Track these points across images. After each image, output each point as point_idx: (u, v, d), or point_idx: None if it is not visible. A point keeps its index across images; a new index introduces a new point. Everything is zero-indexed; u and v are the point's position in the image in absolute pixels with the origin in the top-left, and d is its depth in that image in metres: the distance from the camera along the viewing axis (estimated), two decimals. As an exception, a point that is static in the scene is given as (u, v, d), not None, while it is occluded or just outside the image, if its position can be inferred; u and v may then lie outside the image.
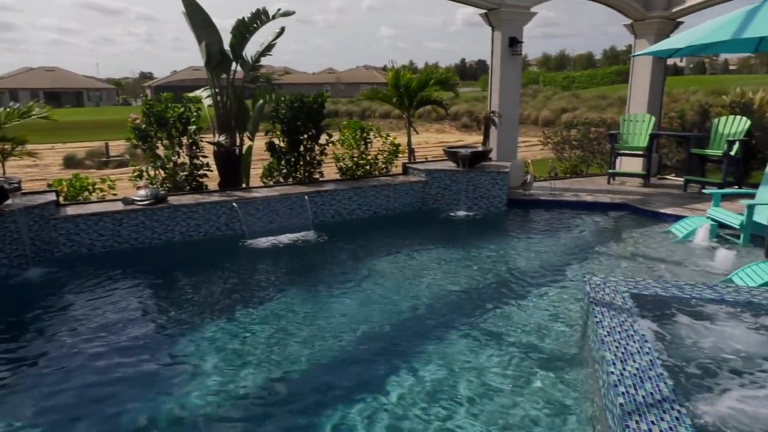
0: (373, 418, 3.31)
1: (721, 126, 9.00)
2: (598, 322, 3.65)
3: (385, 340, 4.39)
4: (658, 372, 3.00)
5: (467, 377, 3.73)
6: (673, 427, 2.50)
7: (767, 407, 2.89)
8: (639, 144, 9.56)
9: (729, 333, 3.66)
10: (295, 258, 6.59)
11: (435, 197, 8.59)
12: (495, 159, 9.30)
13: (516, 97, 9.44)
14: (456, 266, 6.10)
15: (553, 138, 13.05)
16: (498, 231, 7.64)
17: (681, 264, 5.82)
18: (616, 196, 8.61)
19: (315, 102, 8.27)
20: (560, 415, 3.29)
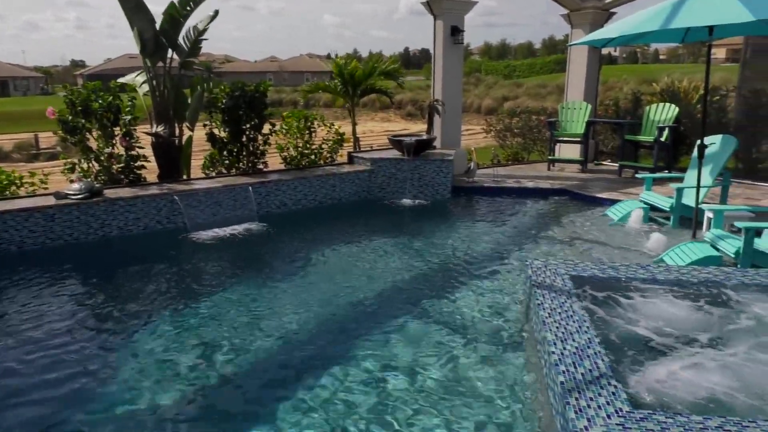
0: (323, 406, 3.30)
1: (652, 113, 9.41)
2: (540, 304, 3.77)
3: (335, 329, 4.38)
4: (596, 350, 3.12)
5: (415, 363, 3.78)
6: (610, 402, 2.61)
7: (696, 378, 3.06)
8: (576, 131, 9.87)
9: (660, 310, 3.85)
10: (240, 250, 6.48)
11: (381, 186, 8.61)
12: (439, 147, 9.40)
13: (459, 86, 9.55)
14: (403, 254, 6.14)
15: (495, 126, 13.30)
16: (443, 218, 7.75)
17: (616, 246, 6.08)
18: (555, 182, 8.88)
19: (257, 91, 8.11)
20: (506, 396, 3.38)
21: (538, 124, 12.34)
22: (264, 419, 3.23)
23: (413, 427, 3.10)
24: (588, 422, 2.45)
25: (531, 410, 3.22)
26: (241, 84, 8.08)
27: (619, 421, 2.45)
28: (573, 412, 2.52)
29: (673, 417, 2.49)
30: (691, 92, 10.65)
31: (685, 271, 4.41)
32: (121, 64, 55.29)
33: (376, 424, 3.14)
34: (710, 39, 5.87)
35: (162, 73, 7.99)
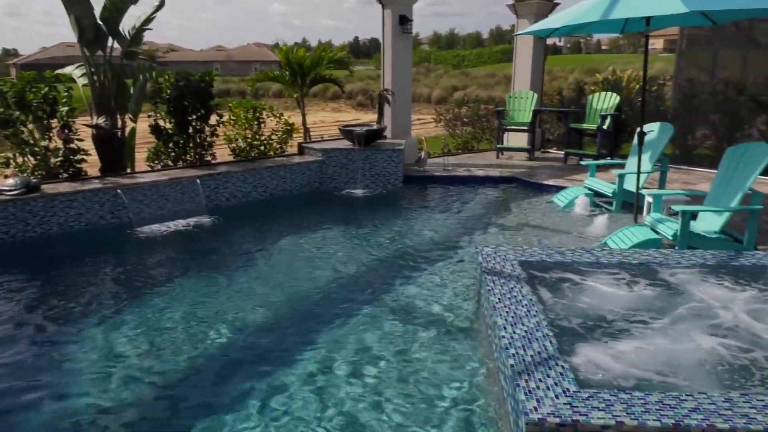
0: (278, 399, 3.28)
1: (595, 102, 9.70)
2: (490, 289, 3.85)
3: (289, 321, 4.36)
4: (544, 333, 3.22)
5: (370, 351, 3.80)
6: (558, 382, 2.70)
7: (638, 355, 3.20)
8: (524, 120, 10.08)
9: (604, 292, 4.00)
10: (189, 244, 6.34)
11: (332, 176, 8.57)
12: (390, 137, 9.42)
13: (408, 75, 9.59)
14: (355, 244, 6.15)
15: (445, 115, 13.42)
16: (395, 207, 7.78)
17: (563, 231, 6.26)
18: (504, 170, 9.05)
19: (203, 80, 7.90)
20: (459, 380, 3.44)
21: (486, 113, 12.53)
22: (217, 415, 3.18)
23: (369, 416, 3.12)
24: (537, 403, 2.52)
25: (484, 394, 3.29)
26: (186, 73, 7.86)
27: (567, 400, 2.54)
28: (523, 394, 2.59)
29: (617, 394, 2.59)
30: (632, 81, 11.03)
31: (627, 254, 4.59)
32: (57, 53, 52.63)
33: (332, 414, 3.15)
34: (648, 30, 6.08)
35: (102, 62, 7.67)
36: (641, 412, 2.44)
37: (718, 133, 9.32)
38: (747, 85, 9.11)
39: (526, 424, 2.41)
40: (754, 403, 2.51)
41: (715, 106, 9.32)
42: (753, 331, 3.45)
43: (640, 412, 2.44)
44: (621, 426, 2.38)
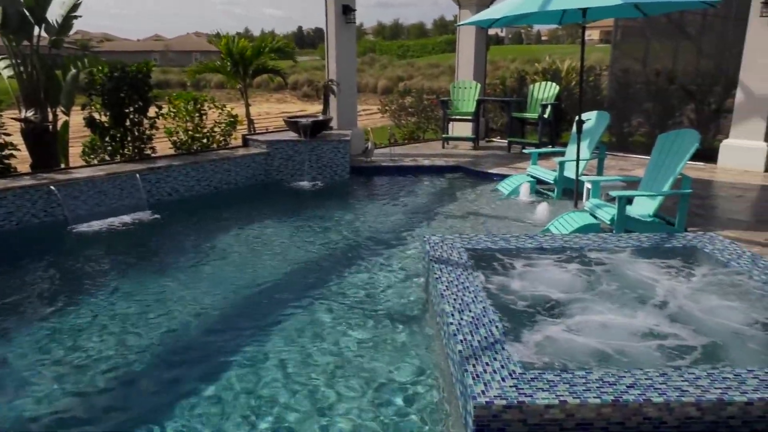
0: (228, 397, 3.23)
1: (535, 91, 9.94)
2: (438, 278, 3.90)
3: (237, 317, 4.28)
4: (490, 318, 3.29)
5: (321, 343, 3.79)
6: (504, 365, 2.77)
7: (579, 336, 3.31)
8: (468, 109, 10.22)
9: (547, 276, 4.12)
10: (129, 241, 6.12)
11: (278, 168, 8.46)
12: (336, 128, 9.37)
13: (353, 66, 9.54)
14: (304, 236, 6.10)
15: (390, 106, 13.46)
16: (343, 199, 7.76)
17: (507, 218, 6.40)
18: (450, 159, 9.17)
19: (139, 71, 7.63)
20: (409, 368, 3.48)
21: (430, 103, 12.64)
22: (163, 417, 3.10)
23: (321, 407, 3.11)
24: (485, 386, 2.58)
25: (433, 380, 3.34)
26: (122, 64, 7.56)
27: (513, 383, 2.61)
28: (471, 378, 2.64)
29: (560, 374, 2.68)
30: (570, 71, 11.36)
31: (568, 238, 4.74)
32: (-21, 43, 49.68)
33: (282, 410, 3.12)
34: (584, 21, 6.26)
35: (29, 52, 7.28)
36: (583, 391, 2.53)
37: (651, 120, 9.74)
38: (677, 75, 9.54)
39: (474, 408, 2.46)
40: (686, 376, 2.65)
41: (648, 95, 9.73)
42: (685, 308, 3.63)
43: (581, 391, 2.53)
44: (564, 405, 2.46)
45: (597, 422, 2.48)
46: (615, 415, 2.48)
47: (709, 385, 2.57)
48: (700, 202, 6.33)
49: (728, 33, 8.83)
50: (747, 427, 2.50)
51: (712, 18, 9.33)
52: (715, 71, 9.08)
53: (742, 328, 3.38)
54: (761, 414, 2.49)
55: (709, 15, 9.26)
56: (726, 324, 3.42)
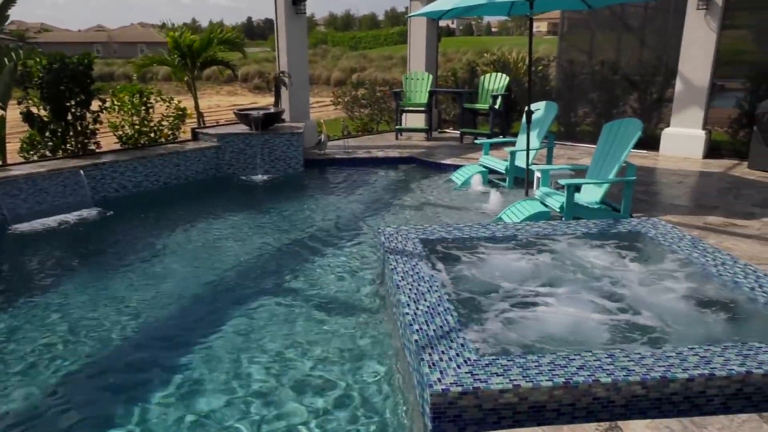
0: (185, 397, 3.16)
1: (486, 82, 10.07)
2: (393, 268, 3.92)
3: (191, 314, 4.19)
4: (445, 307, 3.33)
5: (278, 338, 3.75)
6: (459, 353, 2.82)
7: (532, 321, 3.39)
8: (420, 101, 10.27)
9: (500, 263, 4.20)
10: (73, 240, 5.90)
11: (230, 162, 8.30)
12: (288, 120, 9.25)
13: (304, 57, 9.43)
14: (258, 230, 6.01)
15: (343, 98, 13.39)
16: (297, 192, 7.69)
17: (461, 208, 6.48)
18: (404, 151, 9.20)
19: (80, 63, 7.32)
20: (367, 359, 3.49)
21: (383, 95, 12.64)
22: (119, 421, 3.01)
23: (276, 403, 3.09)
24: (441, 374, 2.61)
25: (390, 370, 3.36)
26: (61, 55, 7.23)
27: (468, 369, 2.65)
28: (427, 367, 2.68)
29: (513, 359, 2.74)
30: (519, 62, 11.55)
31: (519, 227, 4.84)
32: None
33: (240, 407, 3.08)
34: (532, 13, 6.38)
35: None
36: (535, 374, 2.60)
37: (597, 110, 10.01)
38: (621, 66, 9.83)
39: (430, 396, 2.49)
40: (632, 356, 2.76)
41: (594, 86, 10.00)
42: (631, 291, 3.77)
43: (534, 374, 2.60)
44: (518, 389, 2.52)
45: (549, 404, 2.56)
46: (566, 396, 2.55)
47: (653, 363, 2.68)
48: (643, 189, 6.57)
49: (668, 25, 9.15)
50: (689, 402, 2.62)
51: (653, 11, 9.66)
52: (656, 62, 9.41)
53: (683, 308, 3.53)
54: (702, 389, 2.61)
55: (650, 8, 9.58)
56: (669, 305, 3.57)
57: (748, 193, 6.42)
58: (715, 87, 8.52)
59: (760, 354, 2.75)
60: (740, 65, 8.92)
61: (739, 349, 2.81)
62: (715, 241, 4.74)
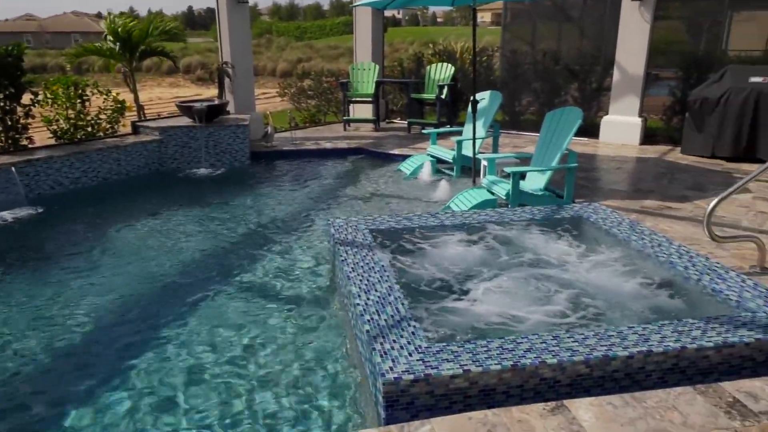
0: (132, 399, 3.07)
1: (432, 72, 10.15)
2: (343, 260, 3.91)
3: (137, 314, 4.06)
4: (396, 296, 3.36)
5: (229, 334, 3.69)
6: (411, 341, 2.85)
7: (482, 307, 3.47)
8: (367, 91, 10.26)
9: (449, 252, 4.26)
10: (5, 240, 5.61)
11: (173, 156, 8.07)
12: (234, 112, 9.07)
13: (248, 47, 9.24)
14: (204, 226, 5.88)
15: (289, 89, 13.21)
16: (244, 185, 7.56)
17: (410, 198, 6.53)
18: (352, 142, 9.18)
19: (9, 54, 6.94)
20: (319, 351, 3.48)
21: (330, 85, 12.55)
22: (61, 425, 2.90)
23: (230, 395, 3.05)
24: (392, 363, 2.64)
25: (343, 361, 3.37)
26: (-14, 46, 6.84)
27: (419, 357, 2.69)
28: (379, 356, 2.69)
29: (463, 345, 2.79)
30: (464, 53, 11.68)
31: (467, 215, 4.92)
32: None
33: (191, 408, 3.02)
34: (475, 3, 6.46)
35: None
36: (485, 359, 2.65)
37: (540, 99, 10.25)
38: (562, 56, 10.09)
39: (383, 385, 2.51)
40: (576, 337, 2.86)
41: (536, 75, 10.23)
42: (575, 273, 3.90)
43: (483, 359, 2.65)
44: (468, 373, 2.57)
45: (499, 387, 2.62)
46: (515, 378, 2.62)
47: (596, 343, 2.79)
48: (585, 175, 6.79)
49: (606, 16, 9.45)
50: (629, 378, 2.74)
51: (592, 2, 9.95)
52: (595, 52, 9.70)
53: (623, 289, 3.68)
54: (641, 366, 2.73)
55: (589, -1, 9.88)
56: (610, 286, 3.72)
57: (682, 177, 6.74)
58: (650, 76, 8.87)
59: (693, 330, 2.91)
60: (673, 55, 9.32)
61: (674, 326, 2.96)
62: (652, 223, 4.96)
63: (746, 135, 7.32)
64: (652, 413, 2.41)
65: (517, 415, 2.41)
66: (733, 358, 2.82)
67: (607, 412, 2.42)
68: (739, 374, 2.82)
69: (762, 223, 4.99)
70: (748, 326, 2.94)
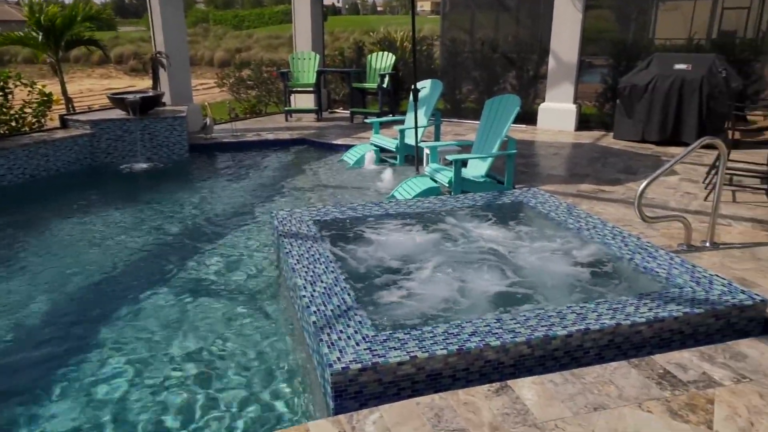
0: (68, 405, 2.95)
1: (373, 62, 10.13)
2: (288, 252, 3.87)
3: (74, 316, 3.89)
4: (342, 286, 3.36)
5: (172, 334, 3.59)
6: (358, 330, 2.85)
7: (428, 293, 3.51)
8: (308, 81, 10.14)
9: (395, 240, 4.29)
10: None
11: (107, 150, 7.74)
12: (170, 104, 8.77)
13: (182, 36, 8.94)
14: (143, 222, 5.68)
15: (228, 79, 12.90)
16: (184, 179, 7.34)
17: (354, 188, 6.52)
18: (294, 132, 9.06)
19: None
20: (267, 345, 3.44)
21: (270, 75, 12.33)
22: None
23: (180, 393, 2.97)
24: (340, 353, 2.64)
25: (291, 354, 3.35)
26: None
27: (367, 345, 2.70)
28: (326, 347, 2.69)
29: (410, 332, 2.83)
30: (405, 41, 11.72)
31: (411, 203, 4.97)
32: None
33: (131, 410, 2.93)
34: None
35: None
36: (431, 344, 2.70)
37: (479, 87, 10.42)
38: (500, 44, 10.28)
39: (331, 375, 2.51)
40: (518, 319, 2.94)
41: (476, 64, 10.38)
42: (517, 257, 4.00)
43: (429, 345, 2.69)
44: (414, 360, 2.61)
45: (445, 371, 2.67)
46: (460, 362, 2.68)
47: (537, 324, 2.88)
48: (524, 161, 6.96)
49: (540, 4, 9.67)
50: (569, 356, 2.85)
51: (527, -9, 10.18)
52: (531, 40, 9.93)
53: (562, 270, 3.81)
54: (579, 343, 2.85)
55: (524, -12, 10.09)
56: (550, 267, 3.84)
57: (614, 161, 7.02)
58: (584, 64, 9.16)
59: (627, 306, 3.05)
60: (604, 43, 9.66)
61: (609, 303, 3.09)
62: (587, 206, 5.15)
63: (672, 120, 7.69)
64: (590, 388, 2.52)
65: (463, 397, 2.47)
66: (664, 331, 2.98)
67: (548, 390, 2.50)
68: (669, 347, 2.98)
69: (688, 203, 5.27)
70: (676, 301, 3.10)
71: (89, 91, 23.36)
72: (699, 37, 9.52)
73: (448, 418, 2.33)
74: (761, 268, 3.79)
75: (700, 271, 3.49)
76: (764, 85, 8.90)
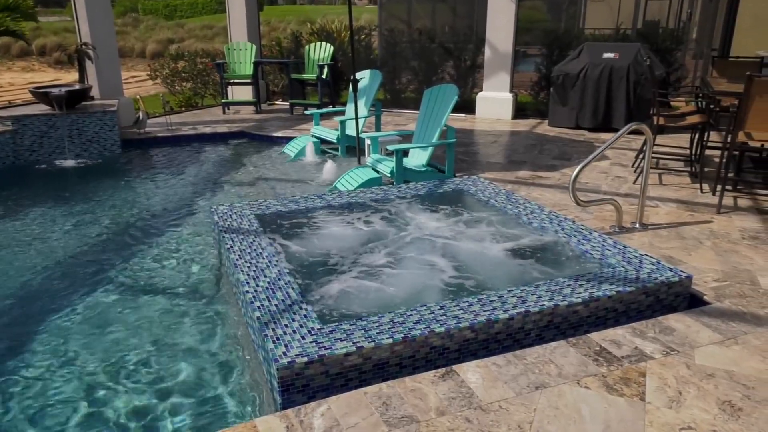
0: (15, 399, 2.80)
1: (311, 52, 10.02)
2: (229, 247, 3.80)
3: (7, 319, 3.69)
4: (286, 280, 3.32)
5: (114, 336, 3.46)
6: (303, 324, 2.84)
7: (373, 284, 3.52)
8: (245, 72, 9.92)
9: (338, 232, 4.28)
10: None
11: (31, 148, 7.33)
12: (99, 97, 8.39)
13: (110, 27, 8.55)
14: (74, 222, 5.42)
15: (161, 71, 12.44)
16: (116, 176, 7.05)
17: (296, 180, 6.45)
18: (233, 125, 8.86)
19: None
20: (211, 343, 3.37)
21: (206, 67, 11.98)
22: None
23: (124, 398, 2.87)
24: (286, 347, 2.62)
25: (236, 351, 3.29)
26: None
27: (313, 338, 2.69)
28: (271, 342, 2.66)
29: (356, 323, 2.83)
30: (343, 32, 11.64)
31: (354, 194, 4.96)
32: None
33: (72, 415, 2.81)
34: (350, -19, 6.42)
35: None
36: (377, 334, 2.71)
37: (418, 77, 10.49)
38: (437, 34, 10.38)
39: (277, 370, 2.48)
40: (461, 305, 3.00)
41: (414, 53, 10.45)
42: (459, 244, 4.07)
43: (375, 334, 2.71)
44: (361, 350, 2.62)
45: (392, 360, 2.69)
46: (406, 350, 2.71)
47: (479, 309, 2.95)
48: (464, 150, 7.08)
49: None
50: (511, 338, 2.94)
51: (462, -19, 10.30)
52: (467, 30, 10.08)
53: (502, 255, 3.91)
54: (520, 326, 2.93)
55: (459, -22, 10.20)
56: (491, 253, 3.93)
57: (549, 147, 7.24)
58: (518, 53, 9.38)
59: (564, 288, 3.16)
60: (537, 33, 9.91)
61: (548, 285, 3.20)
62: (525, 192, 5.29)
63: (603, 107, 8.00)
64: (531, 368, 2.60)
65: (410, 384, 2.50)
66: (599, 310, 3.11)
67: (492, 372, 2.57)
68: (605, 324, 3.12)
69: (619, 186, 5.51)
70: (609, 281, 3.25)
71: (10, 85, 22.01)
72: (625, 27, 9.92)
73: (395, 406, 2.35)
74: (686, 247, 4.01)
75: (631, 251, 3.66)
76: (685, 73, 9.40)
